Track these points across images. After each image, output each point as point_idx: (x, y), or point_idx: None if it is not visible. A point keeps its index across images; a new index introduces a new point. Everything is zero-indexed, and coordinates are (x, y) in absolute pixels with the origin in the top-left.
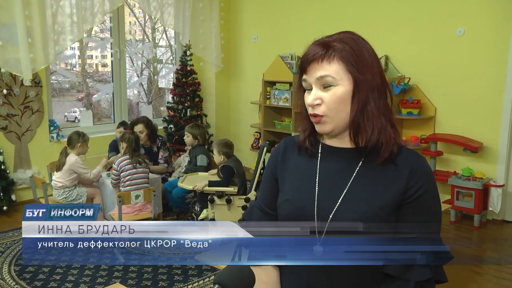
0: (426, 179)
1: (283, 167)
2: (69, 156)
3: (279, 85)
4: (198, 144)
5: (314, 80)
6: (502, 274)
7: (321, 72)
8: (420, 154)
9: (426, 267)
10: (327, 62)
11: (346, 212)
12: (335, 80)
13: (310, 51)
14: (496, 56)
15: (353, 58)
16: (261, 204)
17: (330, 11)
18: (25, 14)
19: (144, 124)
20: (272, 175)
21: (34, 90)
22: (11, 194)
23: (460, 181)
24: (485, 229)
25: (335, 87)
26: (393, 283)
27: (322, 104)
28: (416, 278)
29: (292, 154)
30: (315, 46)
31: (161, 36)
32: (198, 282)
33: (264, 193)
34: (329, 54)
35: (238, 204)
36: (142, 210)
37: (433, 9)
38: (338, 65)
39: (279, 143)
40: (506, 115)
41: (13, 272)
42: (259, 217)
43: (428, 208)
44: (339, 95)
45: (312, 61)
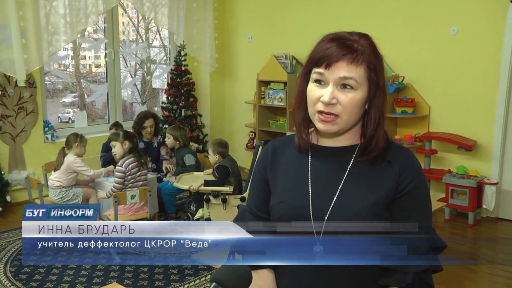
0: (416, 173)
1: (273, 169)
2: (67, 156)
3: (273, 85)
4: (180, 146)
5: (335, 78)
6: (496, 271)
7: (347, 73)
8: (408, 149)
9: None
10: (355, 65)
11: (341, 210)
12: (357, 85)
13: (337, 48)
14: (489, 55)
15: (375, 68)
16: (252, 207)
17: (325, 10)
18: (19, 15)
19: (154, 118)
20: (262, 178)
21: (28, 91)
22: (6, 195)
23: (455, 179)
24: (479, 226)
25: (355, 91)
26: (391, 276)
27: (337, 104)
28: (414, 269)
29: (282, 156)
30: (341, 44)
31: (154, 37)
32: (194, 281)
33: (254, 196)
34: (358, 58)
35: (234, 203)
36: (138, 211)
37: (427, 8)
38: (363, 71)
39: (266, 145)
40: (499, 113)
41: (9, 273)
42: (251, 221)
43: (419, 201)
44: (357, 100)
45: (340, 59)
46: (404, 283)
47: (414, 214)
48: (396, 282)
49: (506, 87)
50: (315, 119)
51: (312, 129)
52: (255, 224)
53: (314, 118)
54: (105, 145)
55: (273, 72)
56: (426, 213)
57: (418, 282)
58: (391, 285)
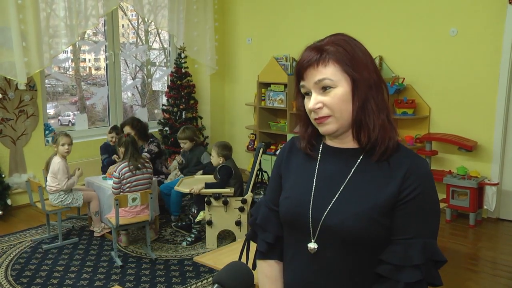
0: (422, 180)
1: (286, 166)
2: (53, 159)
3: (274, 87)
4: (196, 144)
5: (312, 85)
6: (498, 272)
7: (318, 76)
8: (418, 155)
9: (417, 269)
10: (322, 65)
11: (338, 211)
12: (333, 82)
13: (305, 57)
14: (489, 56)
15: (348, 58)
16: (268, 200)
17: (324, 12)
18: (19, 17)
19: (130, 126)
20: (278, 173)
21: (29, 94)
22: (6, 198)
23: (455, 180)
24: (480, 227)
25: (334, 89)
26: (383, 284)
27: (324, 107)
28: (406, 279)
29: (297, 154)
30: (309, 52)
31: (154, 39)
32: (196, 284)
33: (270, 190)
34: (323, 57)
35: (235, 205)
36: (139, 213)
37: (426, 10)
38: (334, 67)
39: (287, 141)
40: (499, 114)
41: (10, 277)
42: (265, 213)
43: (423, 210)
44: (339, 96)
45: (308, 66)
46: None
47: (414, 223)
48: None
49: (506, 88)
50: (317, 127)
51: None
52: (266, 216)
53: (316, 126)
54: (103, 148)
55: (273, 74)
56: (429, 224)
57: None
58: None
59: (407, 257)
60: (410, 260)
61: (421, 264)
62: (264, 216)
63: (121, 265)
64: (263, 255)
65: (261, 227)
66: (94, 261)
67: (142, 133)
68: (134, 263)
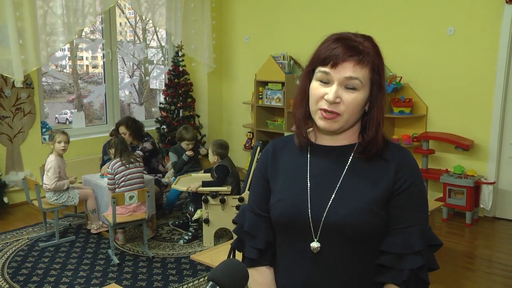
0: (412, 172)
1: (273, 169)
2: (48, 157)
3: (271, 85)
4: (197, 143)
5: (340, 78)
6: (494, 270)
7: (353, 74)
8: (405, 148)
9: (418, 255)
10: (360, 66)
11: (339, 207)
12: (361, 85)
13: (343, 49)
14: (486, 55)
15: (379, 70)
16: (253, 206)
17: (322, 11)
18: (16, 15)
19: (125, 126)
20: (262, 177)
21: (26, 92)
22: (3, 196)
23: (452, 179)
24: (476, 226)
25: (358, 92)
26: (387, 273)
27: (340, 103)
28: (409, 266)
29: (282, 155)
30: (347, 46)
31: (152, 37)
32: (193, 282)
33: (255, 195)
34: (364, 59)
35: (232, 204)
36: (136, 211)
37: (423, 9)
38: (368, 72)
39: (267, 145)
40: (496, 113)
41: (7, 275)
42: (252, 220)
43: (415, 199)
44: (359, 100)
45: (347, 60)
46: (400, 280)
47: (410, 212)
48: (392, 279)
49: (503, 87)
50: (316, 117)
51: (311, 129)
52: (254, 222)
53: (316, 116)
54: (107, 147)
55: (270, 72)
56: (422, 212)
57: (414, 279)
58: (387, 282)
59: (408, 245)
60: (411, 247)
61: (422, 250)
62: (251, 223)
63: (118, 263)
64: (254, 262)
65: (249, 234)
66: (91, 259)
67: (137, 133)
68: (131, 261)
